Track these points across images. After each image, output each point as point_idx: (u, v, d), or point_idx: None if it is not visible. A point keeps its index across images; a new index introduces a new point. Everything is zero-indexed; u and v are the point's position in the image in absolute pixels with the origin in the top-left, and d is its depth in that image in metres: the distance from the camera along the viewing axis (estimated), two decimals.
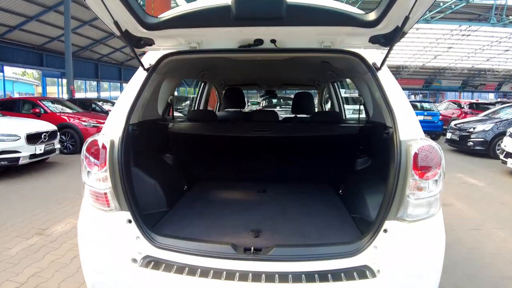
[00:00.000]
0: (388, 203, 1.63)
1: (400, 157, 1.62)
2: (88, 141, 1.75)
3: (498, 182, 6.42)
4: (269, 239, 1.85)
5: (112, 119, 1.87)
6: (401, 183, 1.61)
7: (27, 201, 4.85)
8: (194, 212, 2.31)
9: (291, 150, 3.02)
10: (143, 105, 2.08)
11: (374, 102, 2.37)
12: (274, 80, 5.02)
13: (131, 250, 1.72)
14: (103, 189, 1.71)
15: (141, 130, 2.10)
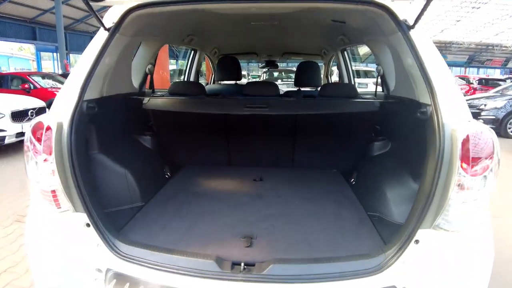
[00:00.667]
0: (424, 206, 1.26)
1: (443, 145, 1.23)
2: (33, 122, 1.36)
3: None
4: (265, 250, 1.47)
5: (62, 95, 1.46)
6: (443, 179, 1.23)
7: (10, 184, 4.52)
8: (173, 208, 1.90)
9: (294, 131, 2.57)
10: (106, 76, 1.68)
11: (398, 73, 1.94)
12: (275, 47, 4.42)
13: (90, 262, 1.38)
14: (50, 186, 1.34)
15: (106, 108, 1.71)
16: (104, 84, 1.72)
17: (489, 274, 1.33)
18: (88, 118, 1.52)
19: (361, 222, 1.73)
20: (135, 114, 2.31)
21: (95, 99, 1.59)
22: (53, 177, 1.32)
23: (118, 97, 2.00)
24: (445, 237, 1.27)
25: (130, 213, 1.80)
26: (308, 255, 1.42)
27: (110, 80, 1.77)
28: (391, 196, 1.78)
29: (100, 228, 1.37)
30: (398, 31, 1.47)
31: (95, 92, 1.58)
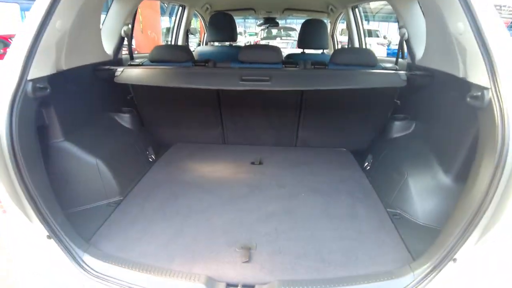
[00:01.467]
0: (473, 216, 0.95)
1: (508, 144, 0.89)
2: None
3: None
4: (267, 266, 1.17)
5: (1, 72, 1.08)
6: (503, 186, 0.91)
7: None
8: (156, 204, 1.58)
9: (299, 104, 2.17)
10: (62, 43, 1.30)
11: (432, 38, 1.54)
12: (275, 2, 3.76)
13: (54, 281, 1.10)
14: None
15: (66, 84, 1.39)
16: (61, 54, 1.34)
17: None
18: (39, 101, 1.17)
19: (381, 224, 1.42)
20: (109, 88, 1.90)
21: (47, 76, 1.21)
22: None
23: (84, 69, 1.62)
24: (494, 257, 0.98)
25: (105, 211, 1.49)
26: (320, 275, 1.13)
27: (70, 49, 1.39)
28: (415, 189, 1.47)
29: (63, 239, 1.09)
30: None
31: (46, 67, 1.20)
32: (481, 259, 1.01)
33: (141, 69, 1.89)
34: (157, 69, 1.88)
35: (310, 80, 1.82)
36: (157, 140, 2.26)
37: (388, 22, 19.07)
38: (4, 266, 1.23)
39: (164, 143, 2.28)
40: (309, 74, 1.87)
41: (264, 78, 1.77)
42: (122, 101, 2.06)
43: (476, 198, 0.96)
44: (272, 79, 1.76)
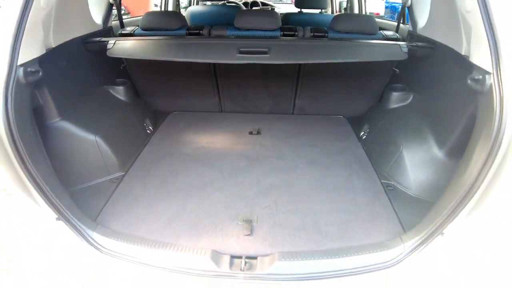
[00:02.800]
0: (464, 194, 1.01)
1: (504, 130, 0.91)
2: None
3: None
4: (268, 239, 1.24)
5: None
6: (496, 166, 0.95)
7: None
8: (158, 179, 1.62)
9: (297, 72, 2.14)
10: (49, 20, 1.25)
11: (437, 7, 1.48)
12: None
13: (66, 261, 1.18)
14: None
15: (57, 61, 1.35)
16: (49, 32, 1.29)
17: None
18: (32, 85, 1.14)
19: (376, 196, 1.48)
20: (102, 59, 1.81)
21: (37, 58, 1.17)
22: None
23: (74, 42, 1.56)
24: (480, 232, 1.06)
25: (108, 187, 1.53)
26: (317, 246, 1.22)
27: (57, 24, 1.33)
28: (410, 161, 1.52)
29: (72, 220, 1.14)
30: None
31: (34, 48, 1.16)
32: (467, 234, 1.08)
33: (133, 41, 1.79)
34: (149, 40, 1.79)
35: (309, 53, 1.74)
36: (154, 110, 2.24)
37: None
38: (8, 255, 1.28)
39: (160, 112, 2.27)
40: (308, 45, 1.79)
41: (263, 50, 1.68)
42: (116, 72, 2.01)
43: (469, 178, 1.00)
44: (270, 51, 1.67)
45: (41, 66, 1.18)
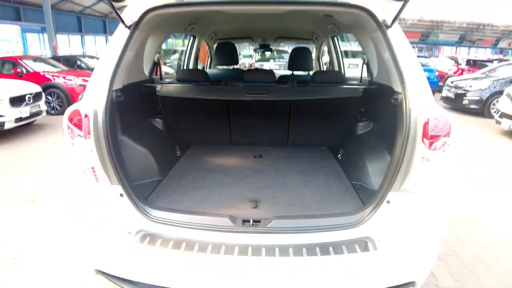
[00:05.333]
0: (394, 173, 1.56)
1: (408, 126, 1.51)
2: (69, 111, 1.59)
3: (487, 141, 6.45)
4: (268, 210, 1.79)
5: (93, 86, 1.69)
6: (408, 153, 1.52)
7: (12, 168, 4.72)
8: (188, 181, 2.22)
9: (289, 113, 2.88)
10: (127, 67, 1.90)
11: (380, 61, 2.20)
12: (269, 32, 4.68)
13: (125, 225, 1.65)
14: (90, 163, 1.59)
15: (126, 95, 1.94)
16: (126, 74, 1.95)
17: (444, 227, 1.66)
18: (118, 104, 1.76)
19: (346, 190, 2.07)
20: (147, 100, 2.58)
21: (120, 89, 1.82)
22: (92, 156, 1.58)
23: (134, 85, 2.25)
24: (411, 198, 1.58)
25: (151, 186, 2.10)
26: (302, 214, 1.77)
27: (129, 70, 2.00)
28: (371, 168, 2.09)
29: (132, 197, 1.64)
30: (378, 30, 1.72)
31: (119, 82, 1.81)
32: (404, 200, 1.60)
33: (173, 86, 2.58)
34: (185, 86, 2.56)
35: (295, 93, 2.55)
36: (180, 140, 2.90)
37: None
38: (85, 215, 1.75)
39: (185, 143, 2.94)
40: (295, 89, 2.55)
41: (263, 92, 2.48)
42: (155, 110, 2.72)
43: (395, 161, 1.56)
44: (269, 93, 2.47)
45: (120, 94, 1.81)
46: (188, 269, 1.52)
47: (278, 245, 1.54)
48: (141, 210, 1.65)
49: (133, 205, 1.64)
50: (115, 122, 1.79)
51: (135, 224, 1.64)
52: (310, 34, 4.56)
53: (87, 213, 1.68)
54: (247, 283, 1.49)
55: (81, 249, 1.77)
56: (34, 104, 6.74)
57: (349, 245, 1.55)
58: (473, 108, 9.02)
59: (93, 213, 1.68)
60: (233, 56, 3.96)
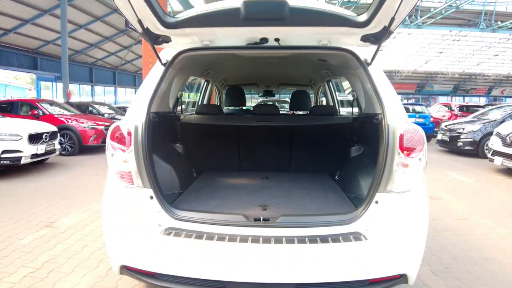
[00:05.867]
0: (379, 178, 1.85)
1: (388, 138, 1.84)
2: (112, 127, 1.94)
3: (487, 179, 6.70)
4: (275, 211, 2.05)
5: (134, 107, 2.06)
6: (389, 160, 1.83)
7: (32, 198, 4.98)
8: (204, 193, 2.52)
9: (291, 141, 3.25)
10: (160, 96, 2.28)
11: (366, 95, 2.59)
12: (273, 79, 5.28)
13: (153, 222, 1.91)
14: (128, 169, 1.90)
15: (158, 119, 2.29)
16: (158, 102, 2.33)
17: (427, 219, 1.92)
18: (151, 124, 2.10)
19: (341, 199, 2.36)
20: (171, 128, 2.99)
21: (154, 112, 2.19)
22: (130, 163, 1.89)
23: (162, 113, 2.63)
24: (395, 197, 1.86)
25: (173, 197, 2.38)
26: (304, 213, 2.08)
27: (160, 100, 2.38)
28: (363, 181, 2.39)
29: (161, 199, 1.92)
30: (360, 67, 2.12)
31: (154, 106, 2.16)
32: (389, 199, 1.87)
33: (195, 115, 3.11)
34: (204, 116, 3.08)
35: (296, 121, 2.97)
36: (196, 165, 3.25)
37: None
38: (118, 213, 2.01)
39: (198, 168, 3.27)
40: (295, 118, 2.95)
41: (269, 120, 2.96)
42: (176, 138, 3.12)
43: (379, 168, 1.86)
44: (274, 120, 2.93)
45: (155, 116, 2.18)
46: (208, 257, 1.77)
47: (284, 236, 1.79)
48: (168, 210, 1.92)
49: (161, 206, 1.91)
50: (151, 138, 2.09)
51: (162, 222, 1.90)
52: (308, 80, 5.13)
53: (120, 213, 1.95)
54: (260, 265, 1.74)
55: (110, 247, 2.00)
56: (50, 143, 7.14)
57: (344, 237, 1.80)
58: (468, 150, 9.37)
59: (125, 212, 1.94)
60: (241, 98, 4.44)
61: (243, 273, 1.74)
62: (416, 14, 23.50)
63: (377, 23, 1.84)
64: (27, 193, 5.31)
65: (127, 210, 1.94)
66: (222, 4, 1.97)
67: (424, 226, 1.90)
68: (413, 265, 1.87)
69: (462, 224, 4.04)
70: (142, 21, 1.82)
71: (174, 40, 2.07)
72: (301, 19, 1.91)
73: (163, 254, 1.84)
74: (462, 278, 2.75)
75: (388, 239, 1.83)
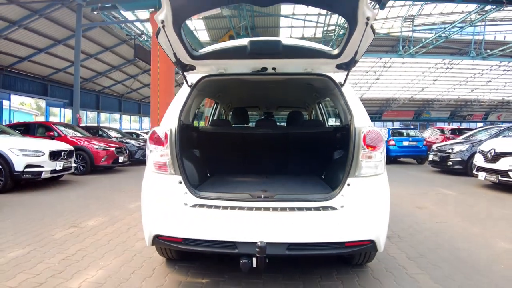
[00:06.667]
0: (349, 166, 2.45)
1: (355, 137, 2.46)
2: (150, 132, 2.58)
3: (470, 192, 7.21)
4: (273, 193, 2.60)
5: (168, 117, 2.72)
6: (356, 153, 2.44)
7: (54, 206, 5.51)
8: (217, 185, 3.11)
9: (287, 148, 3.88)
10: (185, 110, 2.90)
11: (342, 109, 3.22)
12: (272, 102, 6.04)
13: (181, 201, 2.48)
14: (164, 160, 2.52)
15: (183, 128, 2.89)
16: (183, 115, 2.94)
17: (388, 197, 2.48)
18: (180, 129, 2.70)
19: (324, 187, 2.93)
20: (190, 136, 3.60)
21: (181, 121, 2.80)
22: (166, 156, 2.51)
23: (185, 124, 3.25)
24: (362, 180, 2.44)
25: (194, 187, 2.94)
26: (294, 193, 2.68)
27: (185, 113, 3.01)
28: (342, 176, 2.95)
29: (187, 184, 2.51)
30: (336, 88, 2.79)
31: (183, 117, 2.80)
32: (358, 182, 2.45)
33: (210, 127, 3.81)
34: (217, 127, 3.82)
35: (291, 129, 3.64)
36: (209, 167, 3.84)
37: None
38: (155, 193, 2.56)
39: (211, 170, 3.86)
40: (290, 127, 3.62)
41: (269, 129, 3.64)
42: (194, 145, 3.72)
43: (349, 159, 2.46)
44: (273, 129, 3.58)
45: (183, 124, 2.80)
46: (223, 224, 2.35)
47: (279, 207, 2.37)
48: (192, 191, 2.50)
49: (187, 188, 2.50)
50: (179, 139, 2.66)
51: (188, 200, 2.47)
52: (302, 103, 5.91)
53: (156, 194, 2.53)
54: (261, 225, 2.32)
55: (146, 221, 2.55)
56: (67, 160, 7.74)
57: (324, 208, 2.38)
58: (458, 168, 9.91)
59: (160, 193, 2.53)
60: (245, 117, 5.18)
61: (249, 236, 2.29)
62: (409, 44, 24.78)
63: (346, 55, 2.54)
64: (50, 202, 5.84)
65: (161, 191, 2.53)
66: (233, 43, 2.73)
67: (386, 203, 2.46)
68: (379, 233, 2.41)
69: (441, 225, 4.54)
70: (176, 54, 2.50)
71: (198, 68, 2.79)
72: (291, 53, 2.62)
73: (188, 224, 2.40)
74: (433, 261, 3.24)
75: (358, 212, 2.40)
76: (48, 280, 2.77)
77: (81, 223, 4.52)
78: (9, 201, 5.90)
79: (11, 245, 3.58)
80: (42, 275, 2.85)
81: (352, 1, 2.07)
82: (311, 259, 3.18)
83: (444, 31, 22.49)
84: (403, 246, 3.66)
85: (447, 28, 22.06)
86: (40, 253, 3.38)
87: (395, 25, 23.91)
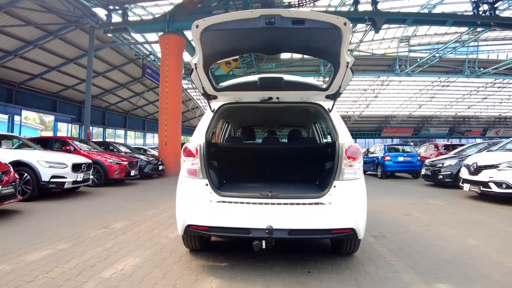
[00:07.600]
0: (335, 172, 3.19)
1: (339, 150, 3.21)
2: (183, 147, 3.33)
3: (455, 202, 7.87)
4: (278, 193, 3.30)
5: (197, 135, 3.49)
6: (340, 163, 3.19)
7: (81, 212, 6.20)
8: (232, 189, 3.79)
9: (288, 160, 4.64)
10: (209, 130, 3.65)
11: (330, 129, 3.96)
12: (275, 122, 6.92)
13: (207, 199, 3.20)
14: (195, 168, 3.27)
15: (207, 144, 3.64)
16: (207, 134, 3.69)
17: (365, 197, 3.20)
18: (206, 144, 3.44)
19: (317, 190, 3.63)
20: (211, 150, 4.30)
21: (208, 139, 3.56)
22: (197, 165, 3.25)
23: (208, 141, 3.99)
24: (345, 183, 3.17)
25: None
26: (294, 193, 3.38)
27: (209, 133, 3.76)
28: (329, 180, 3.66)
29: (212, 185, 3.23)
30: (325, 113, 3.57)
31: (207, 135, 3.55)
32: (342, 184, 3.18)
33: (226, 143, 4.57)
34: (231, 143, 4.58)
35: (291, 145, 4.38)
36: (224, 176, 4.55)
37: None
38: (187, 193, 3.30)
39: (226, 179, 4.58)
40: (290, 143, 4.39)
41: (274, 144, 4.37)
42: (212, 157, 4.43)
43: (335, 168, 3.20)
44: (277, 145, 4.35)
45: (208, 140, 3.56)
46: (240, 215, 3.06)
47: (282, 202, 3.09)
48: (216, 191, 3.22)
49: (212, 189, 3.22)
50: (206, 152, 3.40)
51: (213, 198, 3.19)
52: (300, 123, 6.83)
53: (188, 193, 3.26)
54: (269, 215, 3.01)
55: (180, 215, 3.24)
56: (86, 172, 8.46)
57: (316, 203, 3.11)
58: (448, 181, 10.57)
59: (191, 193, 3.25)
60: (252, 135, 5.94)
61: (259, 223, 2.99)
62: (405, 64, 25.85)
63: (332, 89, 3.36)
64: (75, 209, 6.53)
65: (192, 191, 3.26)
66: (247, 79, 3.57)
67: (364, 200, 3.17)
68: (359, 224, 3.10)
69: (423, 228, 5.21)
70: (204, 87, 3.29)
71: (219, 98, 3.60)
72: (291, 87, 3.46)
73: (213, 216, 3.11)
74: (409, 253, 3.91)
75: (342, 207, 3.11)
76: (96, 264, 3.45)
77: (110, 225, 5.20)
78: (38, 207, 6.58)
79: (56, 241, 4.26)
80: (90, 261, 3.53)
81: (335, 51, 2.87)
82: (308, 249, 3.86)
83: (438, 51, 23.53)
84: (386, 242, 4.33)
85: (441, 49, 23.12)
86: (83, 246, 4.06)
87: (391, 45, 25.07)
